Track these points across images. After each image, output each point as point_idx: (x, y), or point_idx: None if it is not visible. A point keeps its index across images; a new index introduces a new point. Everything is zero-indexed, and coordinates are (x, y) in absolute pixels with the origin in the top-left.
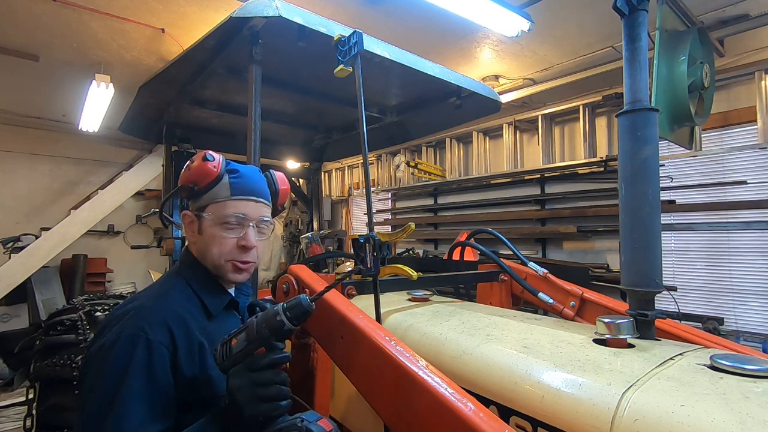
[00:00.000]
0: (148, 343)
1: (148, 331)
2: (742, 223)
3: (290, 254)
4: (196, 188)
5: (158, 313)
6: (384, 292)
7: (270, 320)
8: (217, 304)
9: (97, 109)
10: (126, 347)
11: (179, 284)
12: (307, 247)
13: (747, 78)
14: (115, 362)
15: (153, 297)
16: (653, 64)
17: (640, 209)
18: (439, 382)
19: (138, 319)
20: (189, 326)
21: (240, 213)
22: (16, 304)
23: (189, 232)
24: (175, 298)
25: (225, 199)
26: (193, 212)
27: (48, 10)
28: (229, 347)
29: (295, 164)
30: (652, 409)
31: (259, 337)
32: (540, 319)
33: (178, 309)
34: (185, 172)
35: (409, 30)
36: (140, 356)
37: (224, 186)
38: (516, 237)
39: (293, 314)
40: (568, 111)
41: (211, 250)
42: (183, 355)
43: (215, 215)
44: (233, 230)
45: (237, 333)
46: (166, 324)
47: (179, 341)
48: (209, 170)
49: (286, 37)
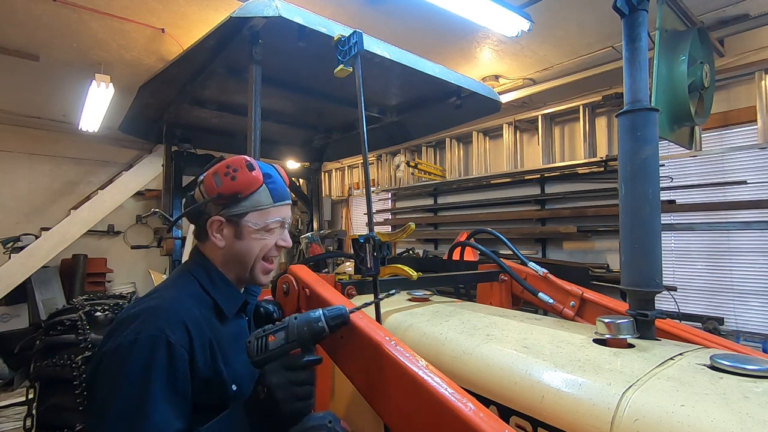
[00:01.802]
0: (169, 345)
1: (168, 333)
2: (742, 223)
3: (290, 254)
4: (241, 196)
5: (177, 313)
6: (384, 292)
7: (312, 324)
8: (231, 306)
9: (97, 109)
10: (147, 348)
11: (192, 284)
12: (307, 247)
13: (747, 78)
14: (136, 363)
15: (169, 297)
16: (653, 64)
17: (640, 209)
18: (439, 382)
19: (157, 319)
20: (203, 327)
21: (281, 217)
22: (16, 304)
23: (218, 237)
24: (190, 298)
25: (268, 206)
26: (227, 218)
27: (48, 10)
28: (265, 342)
29: (295, 164)
30: (652, 409)
31: (300, 338)
32: (540, 319)
33: (194, 309)
34: (228, 182)
35: (409, 30)
36: (162, 358)
37: (265, 193)
38: (516, 237)
39: (334, 322)
40: (568, 111)
41: (252, 252)
42: (200, 357)
43: (260, 221)
44: (274, 233)
45: (275, 330)
46: (184, 324)
47: (196, 342)
48: (255, 180)
49: (286, 37)
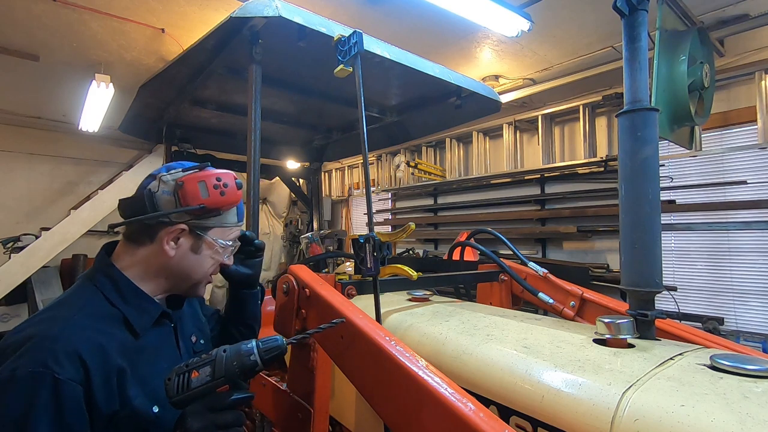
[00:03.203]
0: (55, 383)
1: (54, 367)
2: (742, 223)
3: (290, 254)
4: (221, 212)
5: (68, 341)
6: (384, 292)
7: (242, 357)
8: (144, 321)
9: (97, 109)
10: (24, 388)
11: (94, 298)
12: (307, 247)
13: (747, 78)
14: (12, 407)
15: (62, 318)
16: (653, 64)
17: (640, 209)
18: (439, 382)
19: (40, 351)
20: (106, 352)
21: (236, 237)
22: (16, 304)
23: (171, 246)
24: (89, 318)
25: (232, 225)
26: (191, 228)
27: (48, 10)
28: (187, 379)
29: (295, 164)
30: (652, 409)
31: (227, 375)
32: (540, 319)
33: (93, 333)
34: (216, 195)
35: (409, 30)
36: (44, 399)
37: (233, 212)
38: (516, 237)
39: (268, 355)
40: (568, 111)
41: (203, 267)
42: (99, 391)
43: (221, 238)
44: (226, 252)
45: (199, 365)
46: (77, 355)
47: (95, 374)
48: (238, 199)
49: (286, 37)
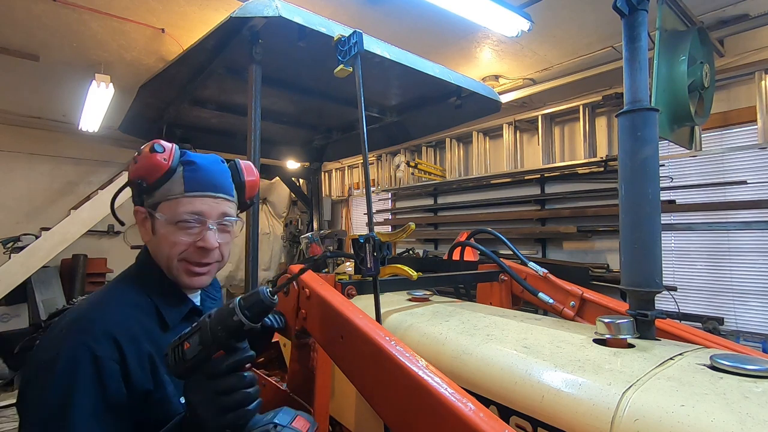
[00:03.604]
0: (95, 360)
1: (94, 346)
2: (742, 223)
3: (290, 254)
4: (145, 184)
5: (102, 324)
6: (384, 292)
7: (225, 320)
8: (174, 315)
9: (97, 109)
10: (68, 365)
11: (129, 291)
12: (307, 247)
13: (747, 78)
14: (57, 382)
15: (94, 307)
16: (653, 64)
17: (640, 209)
18: (439, 382)
19: (79, 333)
20: (137, 337)
21: (196, 211)
22: (16, 304)
23: (142, 231)
24: (121, 307)
25: (179, 195)
26: (147, 209)
27: (48, 10)
28: (181, 352)
29: (295, 164)
30: (652, 409)
31: (215, 340)
32: (540, 319)
33: (125, 319)
34: (132, 165)
35: (409, 30)
36: (86, 374)
37: (177, 181)
38: (516, 237)
39: (252, 312)
40: (568, 111)
41: (163, 250)
42: (134, 370)
43: (168, 214)
44: (190, 230)
45: (189, 335)
46: (111, 336)
47: (129, 355)
48: (158, 163)
49: (286, 37)
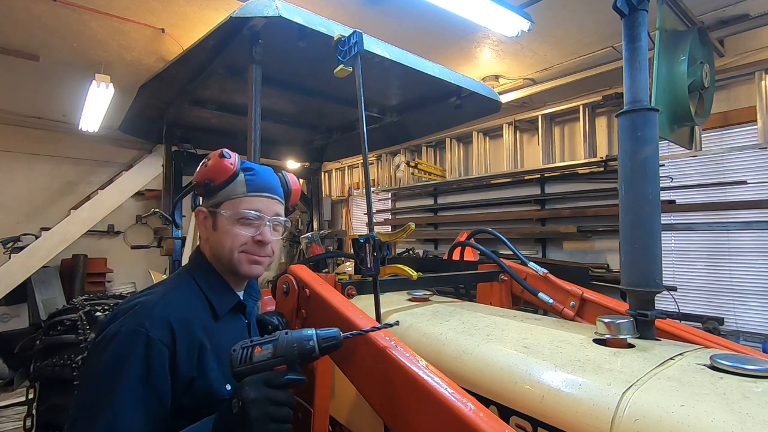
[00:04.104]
0: (147, 340)
1: (149, 328)
2: (742, 223)
3: (290, 254)
4: (212, 185)
5: (161, 310)
6: (384, 292)
7: (302, 342)
8: (224, 305)
9: (97, 109)
10: (125, 341)
11: (187, 283)
12: (307, 247)
13: (747, 78)
14: (113, 354)
15: (158, 294)
16: (653, 64)
17: (640, 209)
18: (439, 382)
19: (140, 315)
20: (192, 326)
21: (255, 209)
22: (16, 304)
23: (202, 229)
24: (181, 296)
25: (241, 195)
26: (208, 209)
27: (48, 10)
28: (250, 353)
29: (295, 164)
30: (652, 409)
31: (287, 355)
32: (540, 319)
33: (183, 307)
34: (202, 169)
35: (409, 30)
36: (139, 351)
37: (240, 183)
38: (516, 237)
39: (326, 344)
40: (568, 111)
41: (225, 244)
42: (182, 356)
43: (232, 211)
44: (249, 226)
45: (263, 342)
46: (167, 321)
47: (180, 341)
48: (226, 167)
49: (286, 37)
